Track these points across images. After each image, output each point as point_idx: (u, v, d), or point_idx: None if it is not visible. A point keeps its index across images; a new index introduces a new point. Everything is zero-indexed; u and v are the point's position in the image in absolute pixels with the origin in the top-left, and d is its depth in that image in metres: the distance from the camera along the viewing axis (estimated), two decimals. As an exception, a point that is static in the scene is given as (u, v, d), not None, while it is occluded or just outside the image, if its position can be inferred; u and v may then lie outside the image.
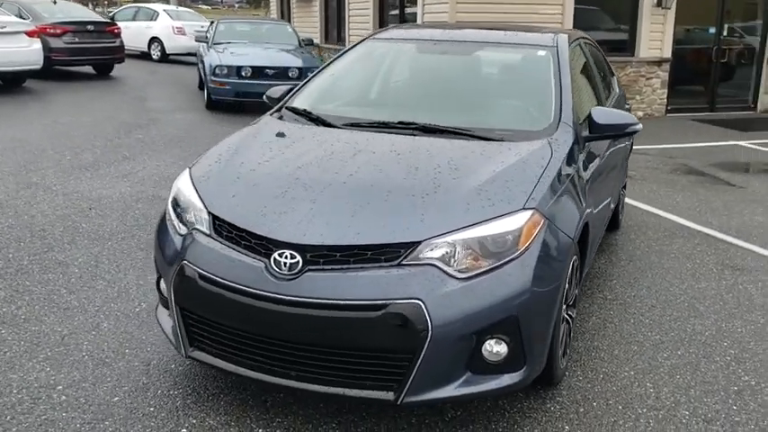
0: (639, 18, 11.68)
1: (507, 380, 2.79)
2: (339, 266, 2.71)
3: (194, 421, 2.97)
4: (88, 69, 15.76)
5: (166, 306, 3.22)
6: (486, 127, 3.56)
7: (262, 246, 2.81)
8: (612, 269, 4.91)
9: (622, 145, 4.96)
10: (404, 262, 2.70)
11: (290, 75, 11.58)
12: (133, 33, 19.75)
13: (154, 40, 20.27)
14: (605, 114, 3.71)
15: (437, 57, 4.26)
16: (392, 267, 2.69)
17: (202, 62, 12.31)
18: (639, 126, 3.70)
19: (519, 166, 3.15)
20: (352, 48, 4.49)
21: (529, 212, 2.85)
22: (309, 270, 2.71)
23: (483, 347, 2.74)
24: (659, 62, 11.94)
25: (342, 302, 2.64)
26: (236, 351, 2.89)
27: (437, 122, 3.60)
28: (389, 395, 2.70)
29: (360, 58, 4.42)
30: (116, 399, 3.12)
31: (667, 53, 11.95)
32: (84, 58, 14.79)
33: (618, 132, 3.70)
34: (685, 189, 7.31)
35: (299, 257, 2.72)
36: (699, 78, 12.63)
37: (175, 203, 3.26)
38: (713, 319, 4.12)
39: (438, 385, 2.72)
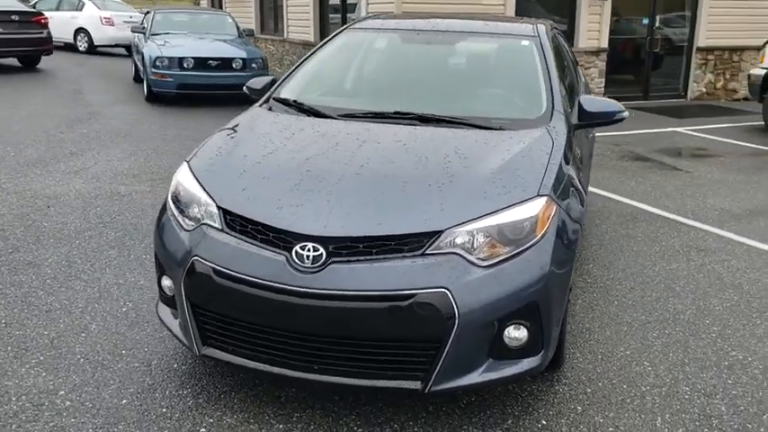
0: (578, 9, 11.98)
1: (527, 364, 2.84)
2: (363, 258, 2.69)
3: (211, 420, 2.91)
4: (12, 62, 15.08)
5: (170, 304, 3.14)
6: (482, 116, 3.60)
7: (281, 239, 2.76)
8: (587, 253, 5.05)
9: (591, 135, 5.09)
10: (428, 251, 2.71)
11: (233, 66, 11.39)
12: (57, 24, 18.89)
13: (80, 30, 19.53)
14: (594, 102, 3.81)
15: (423, 47, 4.26)
16: (416, 257, 2.70)
17: (140, 54, 11.95)
18: (626, 113, 3.82)
19: (525, 154, 3.20)
20: (332, 38, 4.46)
21: (543, 199, 2.90)
22: (333, 262, 2.69)
23: (504, 333, 2.77)
24: (597, 52, 12.29)
25: (369, 293, 2.63)
26: (254, 346, 2.84)
27: (432, 112, 3.62)
28: (417, 384, 2.72)
29: (343, 49, 4.39)
30: (124, 401, 3.02)
31: (604, 43, 12.31)
32: (9, 49, 14.12)
33: (606, 120, 3.80)
34: (636, 175, 7.56)
35: (322, 250, 2.69)
36: (633, 68, 13.05)
37: (176, 198, 3.18)
38: (691, 299, 4.30)
39: (463, 373, 2.74)
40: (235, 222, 2.89)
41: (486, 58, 4.26)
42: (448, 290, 2.64)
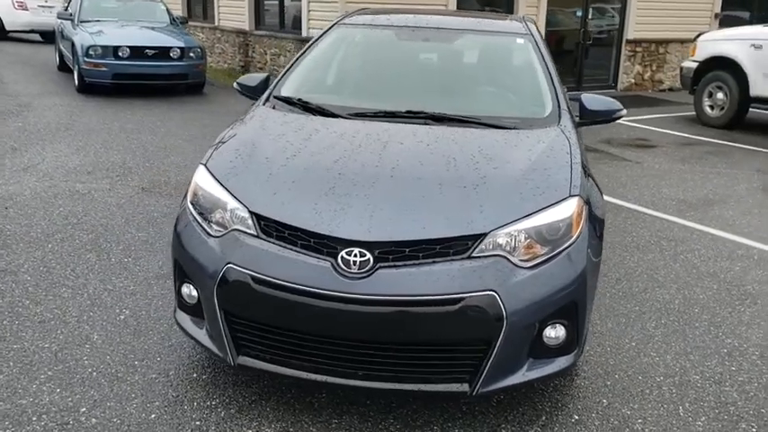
0: (516, 2, 12.18)
1: (564, 362, 2.90)
2: (410, 262, 2.68)
3: (250, 431, 2.83)
4: None
5: (193, 312, 3.03)
6: (493, 115, 3.63)
7: (324, 245, 2.71)
8: (567, 246, 5.16)
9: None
10: (473, 254, 2.72)
11: (171, 55, 11.05)
12: (-36, 8, 17.88)
13: (-10, 15, 18.46)
14: (595, 101, 3.90)
15: (421, 44, 4.26)
16: (463, 260, 2.70)
17: (69, 41, 11.42)
18: (624, 111, 3.93)
19: (549, 153, 3.24)
20: (324, 34, 4.38)
21: (575, 199, 2.96)
22: (381, 267, 2.66)
23: (544, 333, 2.82)
24: (533, 43, 12.53)
25: (419, 298, 2.62)
26: (294, 354, 2.79)
27: (441, 111, 3.61)
28: (464, 387, 2.73)
29: (338, 45, 4.32)
30: (153, 416, 2.91)
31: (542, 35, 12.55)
32: None
33: (606, 118, 3.91)
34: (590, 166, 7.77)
35: (369, 255, 2.66)
36: (567, 59, 13.40)
37: (195, 202, 3.07)
38: (675, 288, 4.48)
39: (508, 374, 2.78)
40: (270, 228, 2.82)
41: (485, 56, 4.28)
42: (496, 292, 2.66)
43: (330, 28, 4.42)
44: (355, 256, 2.66)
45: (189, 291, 3.02)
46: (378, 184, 2.93)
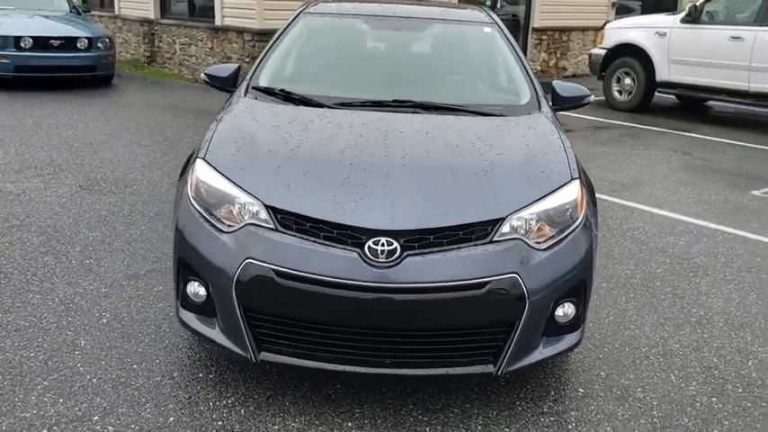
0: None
1: (573, 338, 3.03)
2: (435, 249, 2.72)
3: (276, 427, 2.80)
4: None
5: (202, 311, 2.95)
6: (477, 102, 3.71)
7: (348, 235, 2.71)
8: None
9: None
10: (494, 238, 2.79)
11: (78, 46, 10.56)
12: None
13: None
14: (566, 88, 4.04)
15: (392, 33, 4.27)
16: (485, 245, 2.77)
17: (-37, 32, 10.64)
18: (592, 97, 4.10)
19: (542, 139, 3.36)
20: (291, 23, 4.30)
21: (577, 182, 3.08)
22: (408, 255, 2.69)
23: (556, 311, 2.93)
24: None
25: (448, 284, 2.67)
26: (320, 346, 2.77)
27: (426, 99, 3.66)
28: (489, 368, 2.81)
29: (307, 34, 4.26)
30: (171, 419, 2.82)
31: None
32: None
33: (576, 104, 4.05)
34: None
35: (396, 244, 2.68)
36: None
37: (198, 197, 2.98)
38: (633, 264, 4.73)
39: (527, 353, 2.87)
40: (289, 221, 2.78)
41: (457, 44, 4.34)
42: (518, 274, 2.74)
43: (296, 17, 4.35)
44: (383, 245, 2.68)
45: (195, 289, 2.94)
46: (392, 173, 2.94)
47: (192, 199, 3.01)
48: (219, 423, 2.81)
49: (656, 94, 10.65)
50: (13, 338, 3.36)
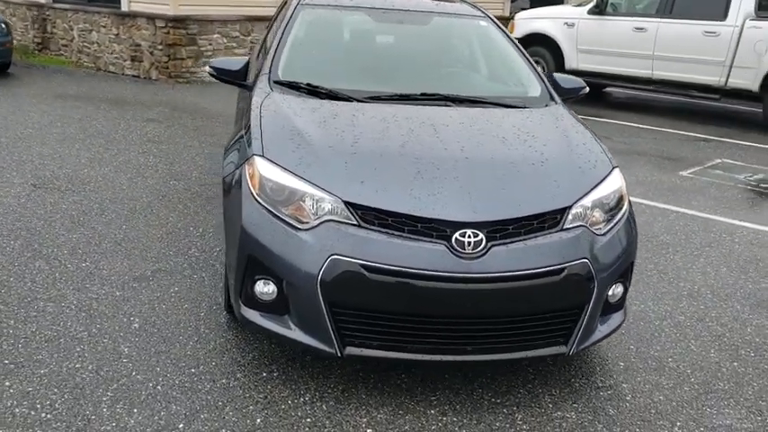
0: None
1: (621, 316, 3.25)
2: (516, 239, 2.84)
3: (365, 420, 2.84)
4: None
5: (271, 309, 2.93)
6: (496, 95, 3.85)
7: (433, 228, 2.78)
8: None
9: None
10: (564, 226, 2.94)
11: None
12: None
13: None
14: (566, 80, 4.26)
15: (398, 26, 4.30)
16: (558, 232, 2.92)
17: None
18: (587, 89, 4.34)
19: (574, 129, 3.54)
20: (291, 17, 4.21)
21: (618, 171, 3.30)
22: (493, 246, 2.79)
23: (609, 293, 3.13)
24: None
25: (531, 272, 2.80)
26: (404, 338, 2.83)
27: (451, 92, 3.75)
28: (562, 349, 2.97)
29: (312, 28, 4.21)
30: (258, 420, 2.79)
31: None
32: None
33: (574, 95, 4.27)
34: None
35: (481, 235, 2.78)
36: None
37: (264, 195, 2.93)
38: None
39: (592, 332, 3.07)
40: (369, 216, 2.81)
41: (461, 38, 4.44)
42: (588, 259, 2.91)
43: (295, 10, 4.28)
44: (469, 237, 2.76)
45: (264, 287, 2.91)
46: (458, 166, 3.02)
47: (256, 196, 2.95)
48: (308, 420, 2.81)
49: (566, 81, 11.20)
50: (49, 350, 3.17)
